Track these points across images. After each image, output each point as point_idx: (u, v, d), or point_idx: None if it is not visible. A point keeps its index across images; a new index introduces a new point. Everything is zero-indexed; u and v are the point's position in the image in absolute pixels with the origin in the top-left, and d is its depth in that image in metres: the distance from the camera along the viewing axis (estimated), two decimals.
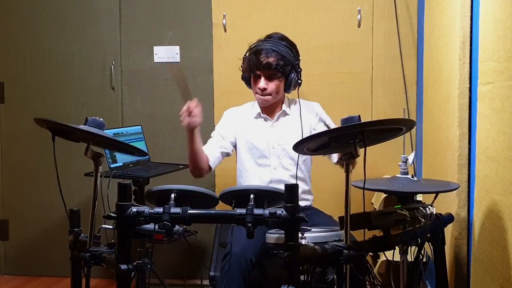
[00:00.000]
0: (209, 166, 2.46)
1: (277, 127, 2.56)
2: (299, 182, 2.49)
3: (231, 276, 2.16)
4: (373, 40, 3.25)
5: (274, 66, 2.38)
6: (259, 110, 2.57)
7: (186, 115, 2.24)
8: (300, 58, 2.49)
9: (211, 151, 2.49)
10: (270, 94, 2.46)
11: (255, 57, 2.40)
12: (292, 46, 2.45)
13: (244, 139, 2.56)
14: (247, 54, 2.48)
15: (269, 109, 2.58)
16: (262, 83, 2.44)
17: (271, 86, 2.44)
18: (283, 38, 2.47)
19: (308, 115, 2.54)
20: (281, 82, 2.45)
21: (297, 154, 2.47)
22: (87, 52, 3.54)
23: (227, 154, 2.57)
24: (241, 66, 2.52)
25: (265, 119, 2.58)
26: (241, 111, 2.63)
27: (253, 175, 2.55)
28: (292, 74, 2.43)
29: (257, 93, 2.49)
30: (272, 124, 2.57)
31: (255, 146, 2.54)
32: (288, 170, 2.52)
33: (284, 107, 2.56)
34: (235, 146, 2.60)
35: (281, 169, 2.53)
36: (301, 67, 2.47)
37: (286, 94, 2.59)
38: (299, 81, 2.46)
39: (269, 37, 2.47)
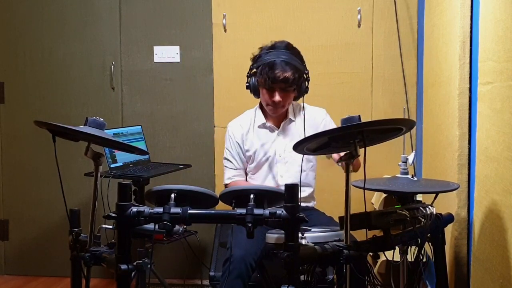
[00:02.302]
0: None
1: (283, 135, 2.56)
2: (305, 188, 2.51)
3: (231, 281, 2.16)
4: (373, 40, 3.25)
5: (291, 80, 2.37)
6: (264, 120, 2.56)
7: None
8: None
9: (242, 178, 2.55)
10: (284, 106, 2.47)
11: (270, 71, 2.37)
12: (299, 55, 2.45)
13: (251, 149, 2.56)
14: (255, 65, 2.44)
15: (275, 118, 2.57)
16: (277, 96, 2.42)
17: (286, 98, 2.44)
18: (289, 47, 2.44)
19: (313, 122, 2.54)
20: (294, 93, 2.45)
21: (303, 160, 2.48)
22: (87, 52, 3.54)
23: None
24: (248, 76, 2.48)
25: (271, 130, 2.57)
26: (244, 122, 2.60)
27: (260, 182, 2.55)
28: (303, 84, 2.44)
29: (269, 105, 2.47)
30: (278, 132, 2.56)
31: (261, 155, 2.54)
32: (294, 177, 2.52)
33: (289, 114, 2.56)
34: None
35: (287, 177, 2.53)
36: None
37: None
38: (307, 89, 2.46)
39: (273, 46, 2.43)
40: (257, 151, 2.55)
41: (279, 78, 2.36)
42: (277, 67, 2.36)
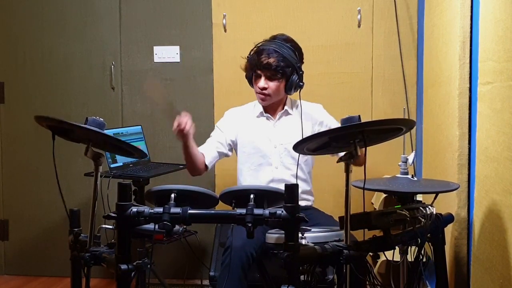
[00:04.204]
0: (206, 166, 2.49)
1: (279, 127, 2.57)
2: (300, 182, 2.49)
3: (231, 270, 2.16)
4: (373, 40, 3.25)
5: (274, 67, 2.40)
6: (261, 109, 2.58)
7: (180, 132, 2.26)
8: (303, 61, 2.50)
9: (208, 150, 2.52)
10: (269, 95, 2.47)
11: (257, 56, 2.43)
12: (296, 49, 2.46)
13: (246, 138, 2.57)
14: (251, 54, 2.49)
15: (271, 109, 2.58)
16: (262, 82, 2.45)
17: (271, 86, 2.45)
18: (288, 40, 2.47)
19: (310, 117, 2.55)
20: (281, 83, 2.45)
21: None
22: (87, 52, 3.54)
23: (225, 155, 2.59)
24: (244, 65, 2.53)
25: (268, 118, 2.58)
26: (243, 111, 2.64)
27: (254, 174, 2.55)
28: (293, 76, 2.43)
29: (257, 92, 2.50)
30: (274, 123, 2.57)
31: (256, 145, 2.55)
32: (289, 170, 2.53)
33: (286, 107, 2.57)
34: (235, 146, 2.60)
35: (282, 169, 2.53)
36: (303, 69, 2.47)
37: (288, 95, 2.59)
38: (301, 83, 2.46)
39: (274, 38, 2.48)
40: (252, 141, 2.55)
41: (262, 63, 2.41)
42: (263, 53, 2.41)
